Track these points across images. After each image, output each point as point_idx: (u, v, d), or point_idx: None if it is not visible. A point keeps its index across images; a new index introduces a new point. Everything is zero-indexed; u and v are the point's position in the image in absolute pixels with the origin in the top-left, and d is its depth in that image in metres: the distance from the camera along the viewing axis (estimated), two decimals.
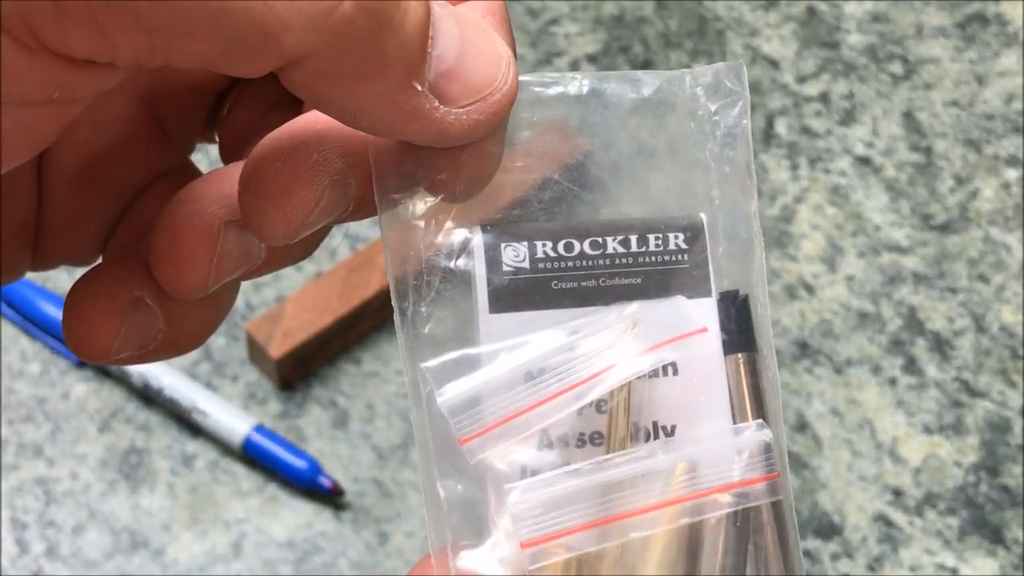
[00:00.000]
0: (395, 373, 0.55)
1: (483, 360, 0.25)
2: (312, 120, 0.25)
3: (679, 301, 0.26)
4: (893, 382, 0.56)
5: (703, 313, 0.26)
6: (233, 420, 0.52)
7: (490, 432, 0.25)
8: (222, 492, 0.52)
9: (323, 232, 0.26)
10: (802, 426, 0.55)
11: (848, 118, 0.66)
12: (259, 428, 0.52)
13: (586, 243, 0.26)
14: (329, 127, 0.24)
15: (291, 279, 0.57)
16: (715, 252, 0.26)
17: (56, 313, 0.55)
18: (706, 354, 0.25)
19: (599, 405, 0.25)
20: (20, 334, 0.55)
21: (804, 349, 0.57)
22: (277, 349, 0.53)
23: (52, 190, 0.26)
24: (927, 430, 0.55)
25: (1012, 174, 0.64)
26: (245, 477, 0.52)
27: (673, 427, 0.25)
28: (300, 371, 0.54)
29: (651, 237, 0.26)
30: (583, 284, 0.26)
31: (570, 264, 0.26)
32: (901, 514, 0.52)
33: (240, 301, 0.57)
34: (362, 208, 0.25)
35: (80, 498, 0.51)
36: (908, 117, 0.66)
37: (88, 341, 0.26)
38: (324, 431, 0.53)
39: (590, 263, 0.26)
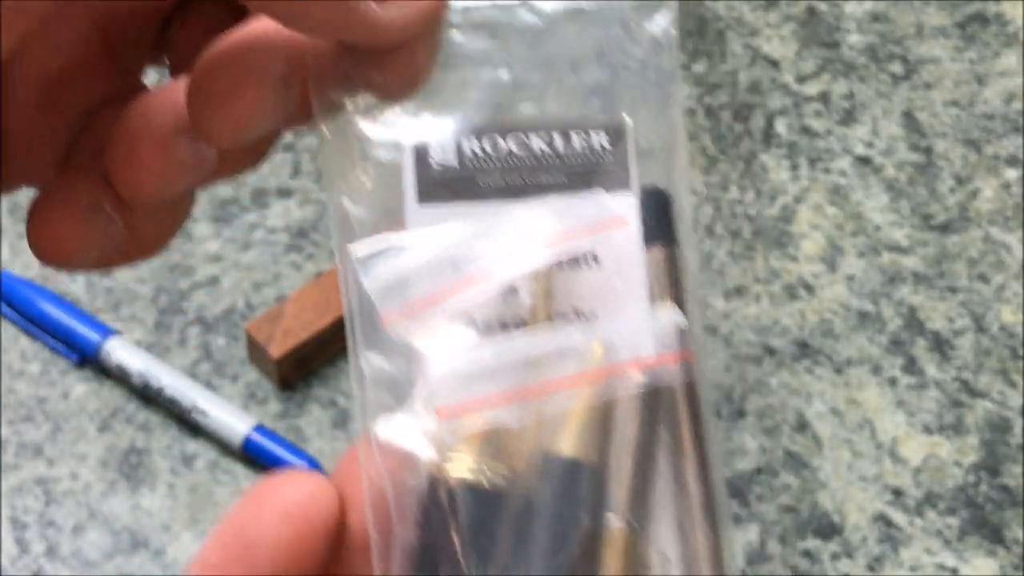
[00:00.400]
0: None
1: (409, 246, 0.26)
2: (256, 27, 0.26)
3: (600, 194, 0.27)
4: (893, 382, 0.56)
5: (624, 206, 0.27)
6: (233, 420, 0.52)
7: (414, 313, 0.25)
8: (222, 492, 0.52)
9: (271, 139, 0.27)
10: (802, 426, 0.55)
11: (848, 118, 0.66)
12: (259, 428, 0.52)
13: (511, 141, 0.27)
14: (272, 32, 0.25)
15: (291, 279, 0.57)
16: (638, 153, 0.27)
17: (56, 313, 0.55)
18: (626, 244, 0.26)
19: (521, 291, 0.26)
20: (20, 334, 0.56)
21: (804, 349, 0.57)
22: (277, 349, 0.53)
23: (9, 113, 0.27)
24: (927, 430, 0.55)
25: (1012, 174, 0.64)
26: (245, 477, 0.52)
27: (593, 313, 0.26)
28: (300, 371, 0.54)
29: (575, 136, 0.27)
30: (508, 180, 0.27)
31: (496, 161, 0.27)
32: (901, 514, 0.52)
33: (240, 301, 0.57)
34: (305, 111, 0.26)
35: (80, 498, 0.51)
36: (908, 117, 0.66)
37: (52, 246, 0.27)
38: (324, 431, 0.53)
39: (515, 161, 0.27)
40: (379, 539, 0.25)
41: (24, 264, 0.58)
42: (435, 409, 0.25)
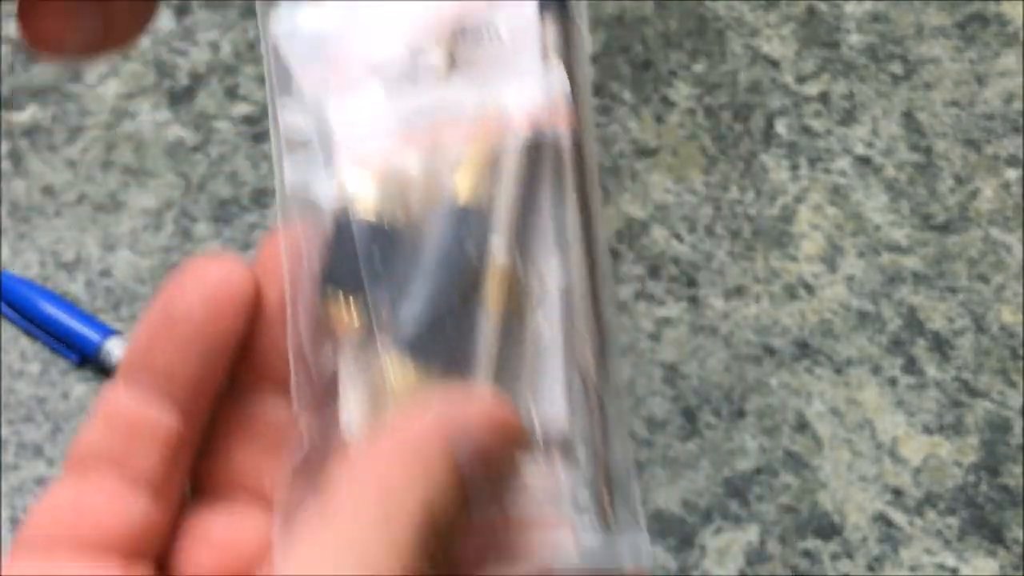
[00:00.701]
0: None
1: (325, 15, 0.29)
2: None
3: None
4: (893, 382, 0.56)
5: None
6: None
7: (326, 71, 0.28)
8: None
9: None
10: (802, 426, 0.55)
11: (848, 118, 0.66)
12: None
13: None
14: None
15: None
16: None
17: (56, 313, 0.55)
18: (523, 18, 0.29)
19: (426, 54, 0.28)
20: (20, 334, 0.56)
21: (804, 349, 0.57)
22: None
23: None
24: (927, 430, 0.55)
25: (1012, 174, 0.64)
26: None
27: (490, 76, 0.29)
28: None
29: None
30: None
31: None
32: (901, 514, 0.53)
33: None
34: None
35: None
36: (908, 117, 0.66)
37: (43, 32, 0.29)
38: None
39: None
40: (291, 305, 0.28)
41: (24, 264, 0.58)
42: (342, 157, 0.28)
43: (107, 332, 0.54)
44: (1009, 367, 0.57)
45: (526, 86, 0.28)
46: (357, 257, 0.27)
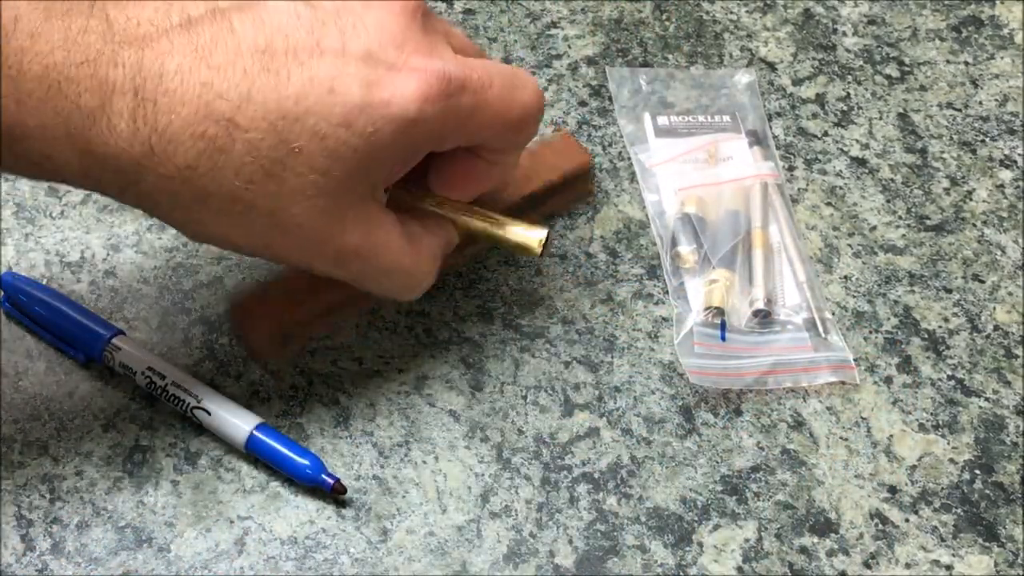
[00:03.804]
0: (397, 372, 0.56)
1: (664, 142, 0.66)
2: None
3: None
4: (888, 381, 0.57)
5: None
6: (236, 418, 0.52)
7: (663, 163, 0.66)
8: (225, 490, 0.52)
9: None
10: (798, 424, 0.55)
11: (844, 120, 0.66)
12: (262, 426, 0.52)
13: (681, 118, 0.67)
14: None
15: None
16: None
17: (61, 313, 0.55)
18: (741, 144, 0.65)
19: (701, 156, 0.64)
20: (26, 333, 0.56)
21: None
22: (264, 322, 0.55)
23: None
24: (922, 428, 0.55)
25: (1006, 175, 0.65)
26: (248, 475, 0.52)
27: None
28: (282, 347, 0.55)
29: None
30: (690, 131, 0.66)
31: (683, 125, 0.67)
32: (896, 511, 0.53)
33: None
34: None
35: (85, 495, 0.51)
36: (903, 119, 0.67)
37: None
38: (326, 429, 0.54)
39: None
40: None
41: (29, 264, 0.58)
42: (680, 193, 0.62)
43: (111, 331, 0.54)
44: (1003, 366, 0.57)
45: (752, 166, 0.63)
46: (693, 229, 0.60)
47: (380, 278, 0.51)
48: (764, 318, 0.57)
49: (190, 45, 0.45)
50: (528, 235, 0.55)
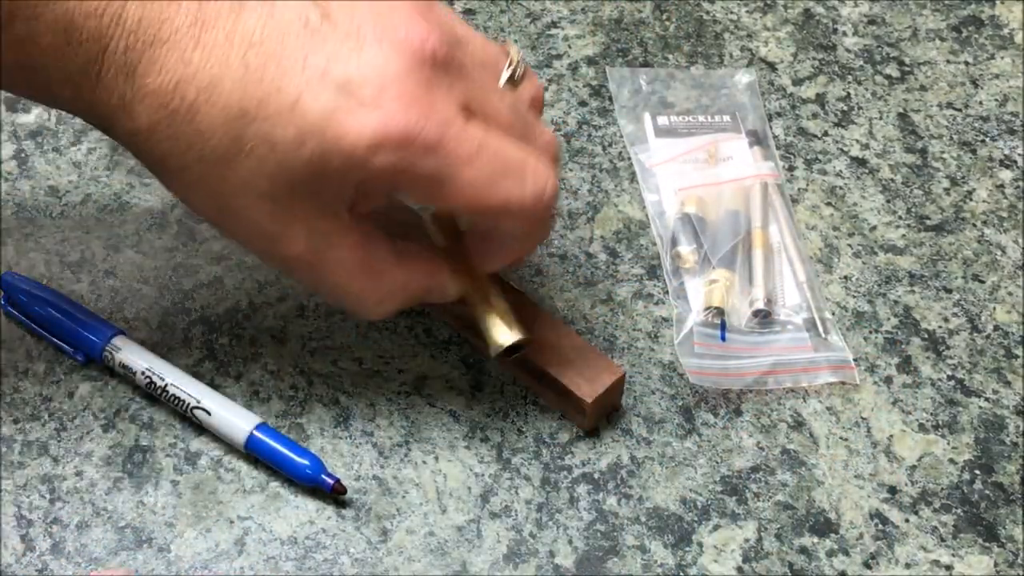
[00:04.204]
0: (397, 372, 0.56)
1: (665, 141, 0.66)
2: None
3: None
4: (888, 381, 0.57)
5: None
6: (236, 418, 0.52)
7: (663, 163, 0.65)
8: (225, 489, 0.52)
9: None
10: (799, 424, 0.55)
11: (844, 120, 0.66)
12: (262, 426, 0.52)
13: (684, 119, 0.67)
14: None
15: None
16: None
17: (61, 313, 0.55)
18: (741, 144, 0.64)
19: (701, 156, 0.65)
20: (25, 334, 0.56)
21: None
22: None
23: None
24: (922, 428, 0.55)
25: (1006, 175, 0.65)
26: (248, 475, 0.52)
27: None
28: None
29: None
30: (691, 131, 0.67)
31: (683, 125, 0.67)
32: (896, 511, 0.53)
33: (244, 301, 0.57)
34: None
35: (85, 495, 0.51)
36: (903, 119, 0.67)
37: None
38: (326, 429, 0.54)
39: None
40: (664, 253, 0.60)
41: (29, 264, 0.58)
42: (680, 193, 0.62)
43: (111, 332, 0.54)
44: (1003, 366, 0.57)
45: (753, 167, 0.63)
46: (693, 229, 0.60)
47: (327, 292, 0.51)
48: (764, 318, 0.57)
49: (191, 16, 0.46)
50: (496, 334, 0.52)
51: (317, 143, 0.46)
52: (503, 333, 0.52)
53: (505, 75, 0.50)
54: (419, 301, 0.52)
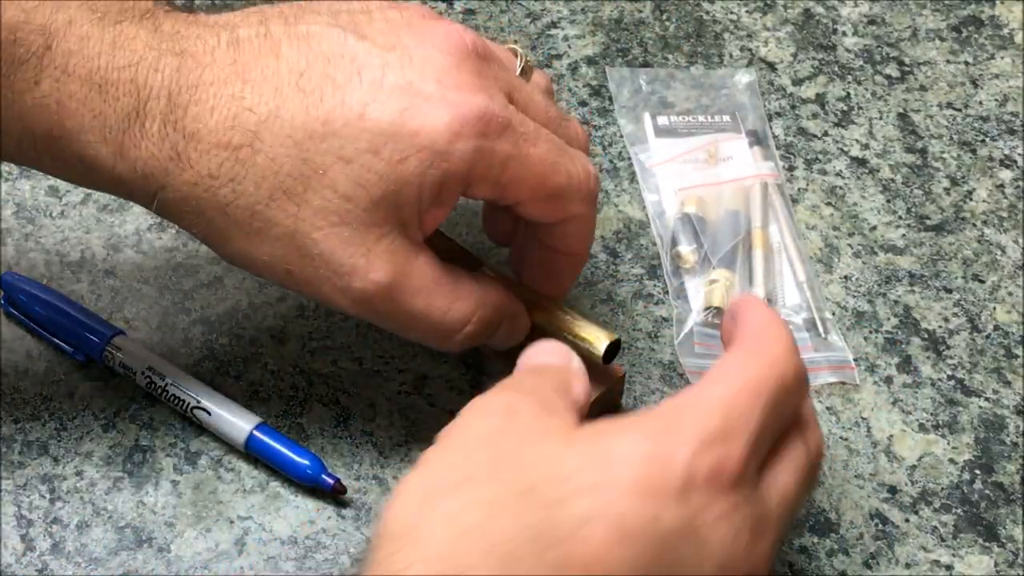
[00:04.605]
0: (397, 372, 0.56)
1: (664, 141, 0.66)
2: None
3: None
4: (888, 381, 0.57)
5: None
6: (236, 418, 0.52)
7: (664, 163, 0.65)
8: (226, 489, 0.52)
9: None
10: None
11: (844, 120, 0.66)
12: (262, 426, 0.52)
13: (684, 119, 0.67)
14: None
15: None
16: None
17: (61, 313, 0.55)
18: (742, 144, 0.64)
19: (701, 156, 0.64)
20: (26, 334, 0.56)
21: None
22: None
23: None
24: (922, 428, 0.55)
25: (1006, 175, 0.65)
26: (248, 475, 0.52)
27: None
28: None
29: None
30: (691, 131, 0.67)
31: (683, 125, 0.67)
32: (896, 511, 0.53)
33: (244, 301, 0.57)
34: None
35: (85, 495, 0.52)
36: (903, 119, 0.67)
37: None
38: (326, 429, 0.54)
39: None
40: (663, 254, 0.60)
41: (30, 264, 0.58)
42: (680, 193, 0.62)
43: (112, 332, 0.55)
44: (1003, 366, 0.57)
45: (753, 166, 0.63)
46: (693, 229, 0.60)
47: (406, 322, 0.49)
48: None
49: (230, 60, 0.46)
50: (594, 341, 0.51)
51: (394, 146, 0.45)
52: (599, 338, 0.51)
53: (518, 68, 0.51)
54: (495, 329, 0.51)
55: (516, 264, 0.54)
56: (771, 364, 0.41)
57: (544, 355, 0.45)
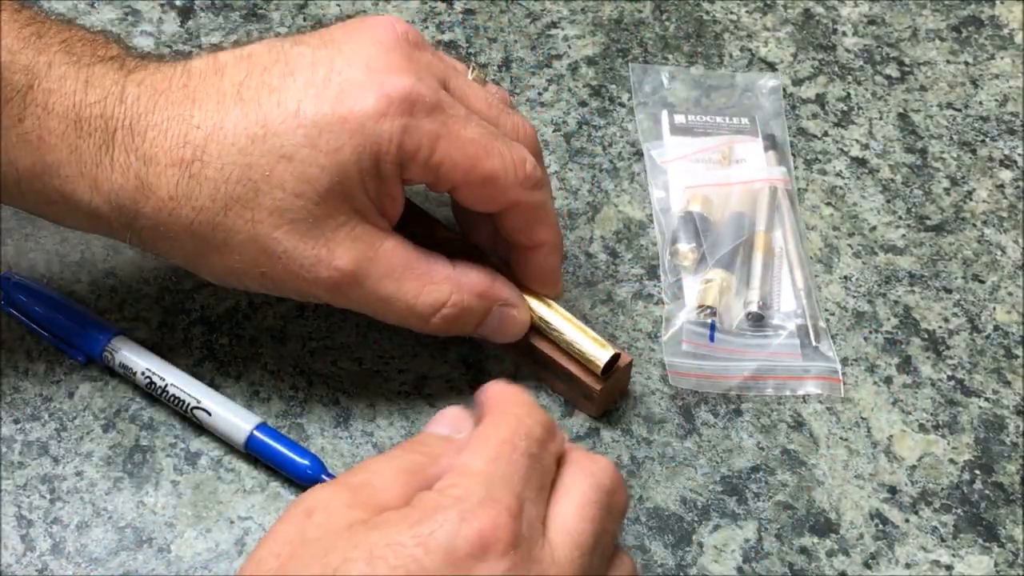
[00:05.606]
0: (397, 372, 0.56)
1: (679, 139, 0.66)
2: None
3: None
4: (888, 381, 0.57)
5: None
6: (236, 418, 0.52)
7: (673, 161, 0.65)
8: (226, 489, 0.52)
9: None
10: (799, 424, 0.55)
11: (844, 120, 0.66)
12: (262, 426, 0.52)
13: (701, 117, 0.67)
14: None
15: None
16: None
17: (61, 313, 0.55)
18: (757, 147, 0.65)
19: (715, 156, 0.65)
20: (26, 334, 0.56)
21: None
22: None
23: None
24: (922, 428, 0.55)
25: (1006, 175, 0.65)
26: (248, 475, 0.52)
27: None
28: None
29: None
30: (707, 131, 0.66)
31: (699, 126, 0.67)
32: (896, 511, 0.53)
33: (243, 301, 0.57)
34: None
35: (85, 495, 0.52)
36: (903, 119, 0.67)
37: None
38: (327, 429, 0.54)
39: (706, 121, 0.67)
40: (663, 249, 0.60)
41: (30, 264, 0.58)
42: (688, 191, 0.62)
43: (112, 332, 0.55)
44: (1003, 366, 0.57)
45: (765, 170, 0.63)
46: (695, 228, 0.60)
47: (377, 305, 0.50)
48: (757, 321, 0.57)
49: (182, 86, 0.48)
50: (593, 353, 0.53)
51: (327, 136, 0.47)
52: (598, 351, 0.53)
53: (469, 75, 0.53)
54: (480, 316, 0.52)
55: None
56: (517, 423, 0.42)
57: (434, 424, 0.45)
